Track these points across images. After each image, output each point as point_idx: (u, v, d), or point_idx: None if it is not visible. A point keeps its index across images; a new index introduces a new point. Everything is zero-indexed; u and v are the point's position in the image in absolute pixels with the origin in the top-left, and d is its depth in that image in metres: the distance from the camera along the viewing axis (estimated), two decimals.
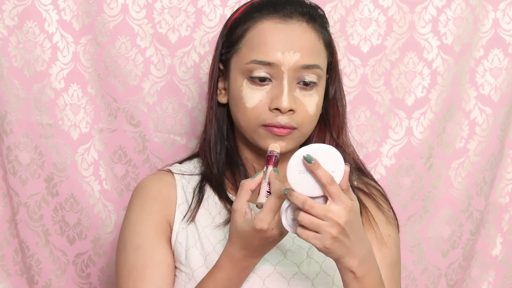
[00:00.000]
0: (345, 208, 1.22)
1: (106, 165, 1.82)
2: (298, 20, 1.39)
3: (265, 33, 1.38)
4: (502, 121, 1.84)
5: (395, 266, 1.48)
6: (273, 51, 1.37)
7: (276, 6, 1.40)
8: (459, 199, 1.85)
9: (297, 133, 1.40)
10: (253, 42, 1.39)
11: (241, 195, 1.29)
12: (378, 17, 1.79)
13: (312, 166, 1.21)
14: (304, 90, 1.39)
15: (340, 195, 1.22)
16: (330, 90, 1.46)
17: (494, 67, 1.82)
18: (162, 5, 1.77)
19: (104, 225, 1.82)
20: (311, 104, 1.40)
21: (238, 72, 1.41)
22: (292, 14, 1.39)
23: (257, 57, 1.38)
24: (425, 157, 1.83)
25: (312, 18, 1.41)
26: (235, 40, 1.42)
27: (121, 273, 1.42)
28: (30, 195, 1.81)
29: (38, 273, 1.84)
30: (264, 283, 1.39)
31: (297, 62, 1.37)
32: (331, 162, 1.23)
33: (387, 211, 1.51)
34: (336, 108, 1.47)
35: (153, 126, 1.80)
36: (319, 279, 1.41)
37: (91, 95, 1.80)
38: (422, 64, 1.81)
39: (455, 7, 1.80)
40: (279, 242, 1.31)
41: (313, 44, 1.39)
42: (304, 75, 1.38)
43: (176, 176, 1.48)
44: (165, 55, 1.78)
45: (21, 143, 1.79)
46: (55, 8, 1.75)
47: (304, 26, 1.39)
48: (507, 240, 1.89)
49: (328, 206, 1.21)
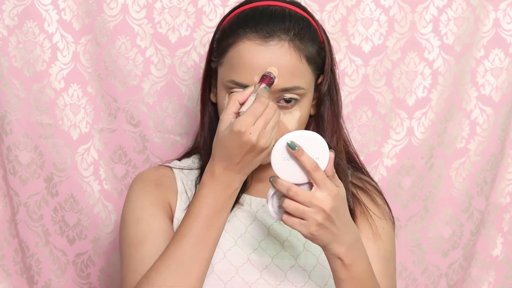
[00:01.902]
0: (330, 194, 1.23)
1: (106, 165, 1.82)
2: (279, 40, 1.37)
3: (244, 54, 1.37)
4: (503, 121, 1.84)
5: (390, 259, 1.48)
6: (250, 74, 1.36)
7: (257, 24, 1.38)
8: (460, 199, 1.85)
9: None
10: (233, 61, 1.39)
11: (229, 106, 1.30)
12: (380, 17, 1.78)
13: (296, 152, 1.23)
14: (284, 108, 1.39)
15: (325, 181, 1.23)
16: (322, 91, 1.46)
17: (495, 67, 1.82)
18: (162, 5, 1.76)
19: (104, 225, 1.82)
20: (291, 122, 1.40)
21: (221, 85, 1.42)
22: (274, 33, 1.37)
23: (235, 78, 1.38)
24: (426, 157, 1.83)
25: (296, 35, 1.39)
26: (221, 53, 1.42)
27: (123, 246, 1.43)
28: (30, 195, 1.81)
29: (38, 273, 1.84)
30: (262, 274, 1.40)
31: (275, 86, 1.36)
32: (315, 148, 1.24)
33: (382, 205, 1.51)
34: (329, 111, 1.47)
35: (153, 126, 1.79)
36: (316, 272, 1.42)
37: (91, 95, 1.79)
38: (423, 64, 1.80)
39: (456, 7, 1.79)
40: (260, 161, 1.30)
41: (293, 66, 1.38)
42: (284, 95, 1.38)
43: (175, 170, 1.50)
44: (165, 55, 1.77)
45: (21, 143, 1.79)
46: (55, 8, 1.75)
47: (285, 46, 1.37)
48: (508, 240, 1.89)
49: (313, 192, 1.23)
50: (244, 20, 1.41)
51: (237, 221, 1.45)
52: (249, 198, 1.47)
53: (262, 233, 1.44)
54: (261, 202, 1.47)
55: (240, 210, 1.46)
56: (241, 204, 1.46)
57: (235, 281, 1.40)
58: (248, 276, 1.40)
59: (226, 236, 1.42)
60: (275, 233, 1.44)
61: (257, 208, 1.46)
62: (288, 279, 1.41)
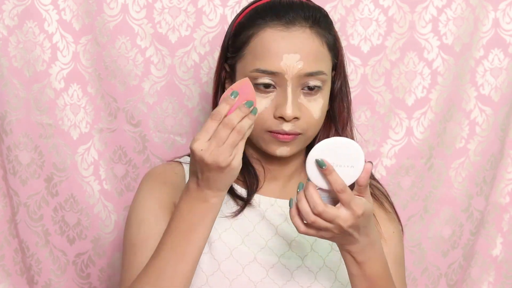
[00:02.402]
0: (353, 214, 1.23)
1: (106, 165, 1.82)
2: (301, 26, 1.39)
3: (268, 41, 1.38)
4: (502, 121, 1.84)
5: (401, 263, 1.49)
6: (276, 60, 1.37)
7: (278, 12, 1.40)
8: (459, 199, 1.85)
9: (301, 138, 1.41)
10: (256, 50, 1.39)
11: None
12: (379, 17, 1.79)
13: (324, 171, 1.22)
14: (308, 95, 1.39)
15: (351, 202, 1.22)
16: (336, 86, 1.46)
17: (494, 67, 1.82)
18: (162, 5, 1.76)
19: (104, 225, 1.82)
20: (316, 109, 1.40)
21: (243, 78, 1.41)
22: (295, 20, 1.39)
23: (261, 66, 1.38)
24: (425, 157, 1.83)
25: (316, 22, 1.40)
26: (240, 46, 1.42)
27: (125, 248, 1.43)
28: (30, 195, 1.81)
29: (38, 273, 1.84)
30: (268, 273, 1.40)
31: (300, 70, 1.37)
32: (350, 156, 1.23)
33: (390, 211, 1.51)
34: (342, 103, 1.48)
35: (153, 126, 1.80)
36: (322, 273, 1.42)
37: (91, 95, 1.80)
38: (422, 64, 1.80)
39: (456, 7, 1.79)
40: (232, 178, 1.27)
41: (317, 50, 1.39)
42: (308, 81, 1.38)
43: (185, 166, 1.50)
44: (165, 55, 1.77)
45: (21, 143, 1.79)
46: (55, 8, 1.75)
47: (307, 32, 1.39)
48: (507, 240, 1.89)
49: (337, 211, 1.23)
50: (263, 11, 1.42)
51: (245, 220, 1.44)
52: (258, 197, 1.46)
53: (269, 232, 1.44)
54: (269, 201, 1.46)
55: (248, 209, 1.45)
56: (251, 203, 1.46)
57: (241, 279, 1.40)
58: (254, 275, 1.40)
59: (233, 234, 1.42)
60: (283, 233, 1.44)
61: (265, 207, 1.46)
62: (294, 279, 1.41)
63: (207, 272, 1.39)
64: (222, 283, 1.39)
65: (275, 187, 1.48)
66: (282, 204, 1.46)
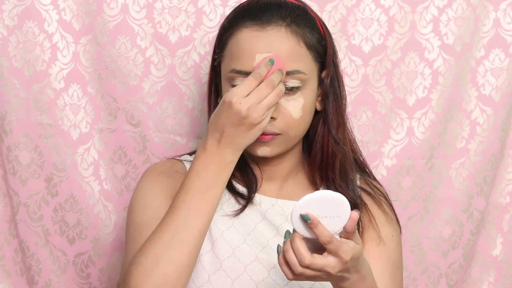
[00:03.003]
0: (341, 261, 1.22)
1: (106, 165, 1.82)
2: (276, 25, 1.38)
3: (243, 41, 1.38)
4: (503, 121, 1.83)
5: (398, 267, 1.48)
6: (249, 60, 1.37)
7: (256, 13, 1.39)
8: (460, 199, 1.85)
9: (282, 138, 1.40)
10: (232, 51, 1.40)
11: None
12: (380, 17, 1.78)
13: (309, 224, 1.21)
14: (287, 95, 1.38)
15: (338, 250, 1.21)
16: (325, 86, 1.45)
17: (495, 67, 1.82)
18: (162, 5, 1.76)
19: (104, 225, 1.82)
20: (295, 109, 1.39)
21: (224, 79, 1.43)
22: (271, 19, 1.39)
23: (236, 66, 1.38)
24: (426, 157, 1.82)
25: (293, 21, 1.39)
26: (221, 47, 1.43)
27: (129, 232, 1.43)
28: (30, 195, 1.81)
29: (38, 273, 1.83)
30: (269, 273, 1.40)
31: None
32: (335, 207, 1.22)
33: (389, 213, 1.51)
34: (335, 103, 1.46)
35: (153, 126, 1.79)
36: None
37: (91, 95, 1.79)
38: (423, 64, 1.80)
39: (456, 7, 1.79)
40: (253, 138, 1.30)
41: (291, 49, 1.38)
42: (286, 81, 1.37)
43: (186, 163, 1.50)
44: (165, 55, 1.77)
45: (21, 143, 1.78)
46: (55, 8, 1.75)
47: (282, 31, 1.38)
48: (508, 240, 1.89)
49: (325, 260, 1.21)
50: (241, 12, 1.43)
51: (246, 219, 1.44)
52: (259, 197, 1.46)
53: (271, 232, 1.44)
54: (270, 201, 1.46)
55: (250, 208, 1.45)
56: (252, 202, 1.46)
57: (243, 278, 1.40)
58: (256, 275, 1.40)
59: (235, 233, 1.42)
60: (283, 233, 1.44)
61: (266, 207, 1.46)
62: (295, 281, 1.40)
63: (209, 270, 1.39)
64: (224, 281, 1.39)
65: (273, 188, 1.48)
66: (282, 204, 1.46)
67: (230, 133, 1.29)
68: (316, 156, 1.47)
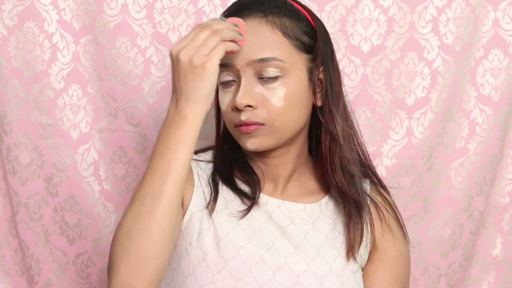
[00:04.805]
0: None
1: (106, 165, 1.82)
2: (254, 18, 1.39)
3: None
4: (502, 121, 1.84)
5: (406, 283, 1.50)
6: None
7: (236, 11, 1.41)
8: (460, 199, 1.85)
9: (267, 129, 1.39)
10: None
11: None
12: (379, 17, 1.79)
13: None
14: (267, 84, 1.38)
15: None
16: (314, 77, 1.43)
17: (494, 67, 1.82)
18: (162, 5, 1.76)
19: (104, 225, 1.82)
20: (276, 97, 1.38)
21: None
22: (250, 14, 1.40)
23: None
24: (425, 157, 1.83)
25: (269, 12, 1.40)
26: None
27: None
28: (29, 195, 1.81)
29: (38, 273, 1.84)
30: (274, 275, 1.39)
31: (249, 58, 1.37)
32: None
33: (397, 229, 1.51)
34: (327, 95, 1.44)
35: (153, 126, 1.80)
36: (329, 279, 1.41)
37: (91, 95, 1.80)
38: (422, 64, 1.81)
39: (456, 7, 1.79)
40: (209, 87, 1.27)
41: (264, 36, 1.38)
42: (263, 69, 1.38)
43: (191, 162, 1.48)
44: (166, 55, 1.77)
45: (20, 143, 1.79)
46: (55, 8, 1.75)
47: (257, 21, 1.39)
48: (507, 240, 1.89)
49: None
50: (229, 10, 1.44)
51: (251, 219, 1.43)
52: (265, 198, 1.46)
53: (276, 233, 1.42)
54: (277, 203, 1.46)
55: (255, 208, 1.44)
56: (257, 203, 1.45)
57: (247, 279, 1.38)
58: (261, 276, 1.38)
59: (240, 233, 1.41)
60: (289, 236, 1.43)
61: (272, 208, 1.45)
62: (300, 283, 1.39)
63: (213, 270, 1.38)
64: (228, 282, 1.37)
65: (277, 189, 1.48)
66: (289, 206, 1.46)
67: (181, 87, 1.27)
68: (318, 153, 1.47)
